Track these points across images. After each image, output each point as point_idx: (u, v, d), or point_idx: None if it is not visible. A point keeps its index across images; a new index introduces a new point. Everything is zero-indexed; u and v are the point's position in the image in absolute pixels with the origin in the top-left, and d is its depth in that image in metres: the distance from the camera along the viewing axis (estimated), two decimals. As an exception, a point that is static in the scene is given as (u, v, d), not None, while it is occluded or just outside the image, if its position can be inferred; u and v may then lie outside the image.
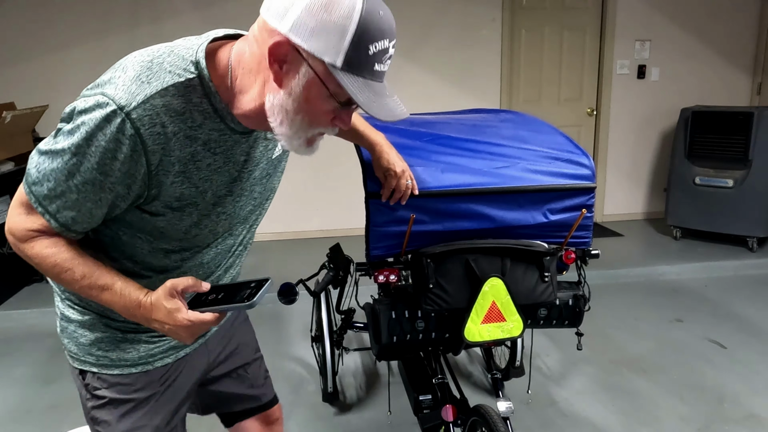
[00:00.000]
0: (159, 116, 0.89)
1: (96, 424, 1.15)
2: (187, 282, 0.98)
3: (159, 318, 0.97)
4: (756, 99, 5.31)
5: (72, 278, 0.97)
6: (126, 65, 0.92)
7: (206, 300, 1.00)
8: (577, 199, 1.62)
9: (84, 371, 1.13)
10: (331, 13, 0.82)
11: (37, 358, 3.15)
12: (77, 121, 0.88)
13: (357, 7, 0.82)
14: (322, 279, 1.87)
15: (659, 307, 3.61)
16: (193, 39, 0.97)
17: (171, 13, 4.67)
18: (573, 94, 5.24)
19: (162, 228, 1.00)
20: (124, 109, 0.86)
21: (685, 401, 2.58)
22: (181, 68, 0.91)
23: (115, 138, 0.87)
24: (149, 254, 1.05)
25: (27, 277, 4.12)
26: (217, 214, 1.04)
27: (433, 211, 1.57)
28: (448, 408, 1.83)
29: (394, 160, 1.51)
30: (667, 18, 5.09)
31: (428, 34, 4.91)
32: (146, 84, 0.88)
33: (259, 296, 0.95)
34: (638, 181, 5.42)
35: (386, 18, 0.86)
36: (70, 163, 0.88)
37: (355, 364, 2.98)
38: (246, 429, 1.44)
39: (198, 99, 0.92)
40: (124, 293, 0.98)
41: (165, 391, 1.18)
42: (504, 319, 1.56)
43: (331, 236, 5.01)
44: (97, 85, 0.92)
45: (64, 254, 0.97)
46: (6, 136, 3.90)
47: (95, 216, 0.95)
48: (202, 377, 1.30)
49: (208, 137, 0.95)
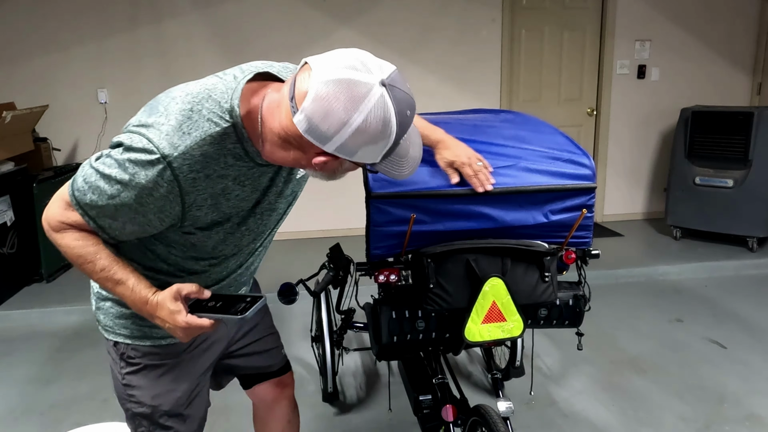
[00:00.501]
0: (196, 164, 1.01)
1: (130, 388, 1.30)
2: (191, 288, 1.10)
3: (161, 316, 1.09)
4: (756, 99, 5.31)
5: (92, 269, 1.11)
6: (169, 111, 1.02)
7: (206, 306, 1.11)
8: (577, 199, 1.62)
9: (118, 342, 1.28)
10: (372, 139, 0.94)
11: (37, 358, 3.15)
12: (125, 156, 1.01)
13: (393, 127, 0.95)
14: (322, 279, 1.87)
15: (659, 307, 3.61)
16: (228, 78, 1.07)
17: (171, 13, 4.67)
18: (573, 94, 5.24)
19: (192, 243, 1.15)
20: (167, 158, 0.99)
21: (685, 401, 2.58)
22: (217, 116, 1.02)
23: (155, 180, 1.00)
24: (181, 260, 1.19)
25: (27, 277, 4.12)
26: (242, 232, 1.17)
27: (433, 211, 1.56)
28: (448, 408, 1.83)
29: (457, 153, 1.52)
30: (667, 18, 5.09)
31: (428, 35, 4.91)
32: (187, 135, 1.00)
33: (251, 312, 1.08)
34: (638, 181, 5.42)
35: (411, 109, 0.98)
36: (113, 189, 1.01)
37: (355, 364, 2.98)
38: (260, 391, 1.64)
39: (232, 145, 1.04)
40: (135, 289, 1.10)
41: (192, 359, 1.34)
42: (504, 319, 1.56)
43: (331, 236, 5.01)
44: (143, 125, 1.03)
45: (89, 248, 1.10)
46: (6, 136, 3.90)
47: (127, 230, 1.08)
48: (224, 351, 1.46)
49: (237, 173, 1.07)
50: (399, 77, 0.97)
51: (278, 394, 1.67)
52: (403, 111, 0.96)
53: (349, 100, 0.91)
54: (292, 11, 4.75)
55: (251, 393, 1.66)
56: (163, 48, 4.72)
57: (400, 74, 0.98)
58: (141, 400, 1.31)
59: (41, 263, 4.11)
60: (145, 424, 1.33)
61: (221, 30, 4.74)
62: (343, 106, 0.91)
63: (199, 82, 1.07)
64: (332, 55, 0.96)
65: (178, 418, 1.35)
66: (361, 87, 0.92)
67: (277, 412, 1.69)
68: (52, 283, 4.15)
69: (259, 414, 1.74)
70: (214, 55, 4.74)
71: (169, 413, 1.33)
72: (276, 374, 1.64)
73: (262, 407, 1.71)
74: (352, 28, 4.82)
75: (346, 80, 0.91)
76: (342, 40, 4.81)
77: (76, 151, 4.86)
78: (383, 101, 0.93)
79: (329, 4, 4.77)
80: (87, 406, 2.67)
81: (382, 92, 0.93)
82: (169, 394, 1.32)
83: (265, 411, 1.71)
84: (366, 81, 0.92)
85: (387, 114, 0.93)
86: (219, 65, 4.70)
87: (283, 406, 1.69)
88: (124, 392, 1.32)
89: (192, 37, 4.71)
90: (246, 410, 2.54)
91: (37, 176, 4.12)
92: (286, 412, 1.70)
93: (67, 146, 4.83)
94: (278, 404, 1.68)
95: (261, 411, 1.73)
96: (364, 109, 0.91)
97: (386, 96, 0.93)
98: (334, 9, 4.78)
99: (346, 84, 0.91)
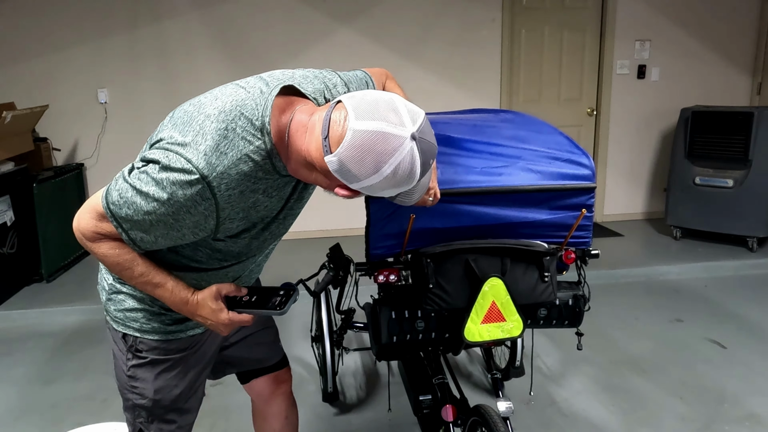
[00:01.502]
0: (233, 181, 1.07)
1: (134, 380, 1.35)
2: (229, 288, 1.21)
3: (203, 314, 1.20)
4: (756, 99, 5.31)
5: (131, 275, 1.18)
6: (205, 130, 1.06)
7: (240, 300, 1.20)
8: (577, 199, 1.62)
9: (126, 334, 1.33)
10: (397, 184, 1.01)
11: (37, 358, 3.15)
12: (163, 175, 1.04)
13: (417, 174, 1.01)
14: (322, 279, 1.86)
15: (659, 307, 3.61)
16: (255, 92, 1.11)
17: (171, 13, 4.67)
18: (573, 94, 5.24)
19: (219, 248, 1.21)
20: (206, 179, 1.04)
21: (685, 401, 2.58)
22: (251, 134, 1.07)
23: (194, 199, 1.05)
24: (207, 261, 1.25)
25: (27, 277, 4.12)
26: (265, 236, 1.24)
27: (433, 211, 1.56)
28: (448, 408, 1.83)
29: None
30: (667, 18, 5.09)
31: (428, 34, 4.91)
32: (224, 155, 1.05)
33: (288, 306, 1.16)
34: (638, 181, 5.42)
35: (433, 157, 1.05)
36: (150, 206, 1.06)
37: (355, 364, 2.98)
38: (257, 386, 1.67)
39: (262, 161, 1.09)
40: (174, 291, 1.20)
41: (194, 355, 1.39)
42: (504, 319, 1.56)
43: (331, 236, 5.01)
44: (179, 144, 1.06)
45: (126, 256, 1.16)
46: (6, 136, 3.90)
47: (159, 243, 1.13)
48: (222, 343, 1.51)
49: (266, 186, 1.13)
50: (427, 127, 1.03)
51: (275, 390, 1.68)
52: (428, 161, 1.03)
53: (382, 153, 0.97)
54: (292, 11, 4.75)
55: (249, 388, 1.69)
56: (163, 48, 4.72)
57: (427, 122, 1.04)
58: (143, 393, 1.35)
59: (41, 263, 4.11)
60: (144, 416, 1.38)
61: (221, 30, 4.74)
62: (376, 158, 0.98)
63: (229, 96, 1.10)
64: (367, 100, 1.01)
65: (176, 412, 1.40)
66: (394, 141, 0.98)
67: (275, 407, 1.71)
68: (52, 283, 4.15)
69: (257, 410, 1.75)
70: (214, 54, 4.74)
71: (168, 407, 1.38)
72: (273, 369, 1.66)
73: (260, 402, 1.72)
74: (352, 28, 4.82)
75: (381, 133, 0.97)
76: (342, 40, 4.81)
77: (76, 151, 4.86)
78: (412, 154, 0.99)
79: (329, 4, 4.77)
80: (87, 406, 2.67)
81: (413, 146, 0.99)
82: (171, 390, 1.37)
83: (262, 406, 1.73)
84: (399, 134, 0.98)
85: (414, 165, 1.00)
86: (219, 65, 4.73)
87: (280, 402, 1.71)
88: (127, 383, 1.36)
89: (192, 37, 4.71)
90: (246, 410, 2.54)
91: (37, 176, 4.12)
92: (283, 408, 1.72)
93: (67, 146, 4.83)
94: (275, 400, 1.70)
95: (259, 406, 1.74)
96: (394, 162, 0.98)
97: (415, 149, 0.99)
98: (334, 9, 4.78)
99: (381, 137, 0.97)
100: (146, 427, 1.39)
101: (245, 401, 2.56)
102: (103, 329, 3.55)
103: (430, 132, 1.04)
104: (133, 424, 1.40)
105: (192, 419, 1.46)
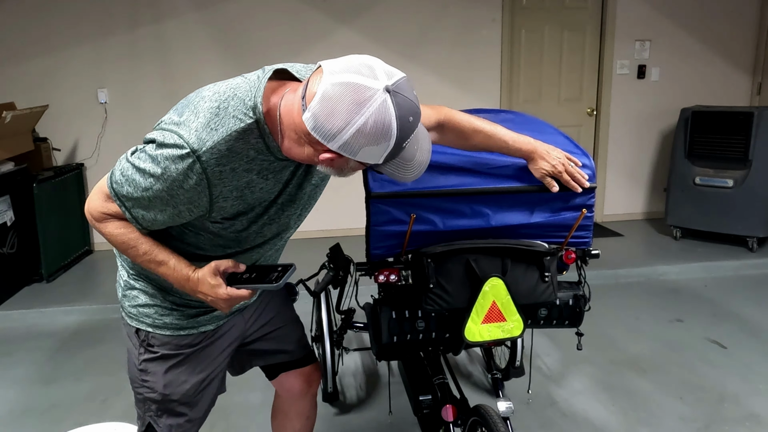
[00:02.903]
0: (223, 158, 1.09)
1: (145, 374, 1.39)
2: (227, 264, 1.22)
3: (203, 291, 1.22)
4: (756, 99, 5.31)
5: (136, 254, 1.23)
6: (198, 109, 1.10)
7: (241, 278, 1.23)
8: (577, 199, 1.62)
9: (140, 330, 1.37)
10: (372, 140, 1.00)
11: (37, 358, 3.15)
12: (158, 152, 1.09)
13: (393, 131, 1.00)
14: (322, 279, 1.87)
15: (659, 307, 3.61)
16: (252, 78, 1.14)
17: (171, 13, 4.67)
18: (573, 94, 5.24)
19: (218, 232, 1.23)
20: (196, 152, 1.07)
21: (685, 401, 2.58)
22: (242, 113, 1.09)
23: (185, 173, 1.08)
24: (211, 248, 1.28)
25: (27, 277, 4.12)
26: (264, 221, 1.25)
27: (433, 210, 1.56)
28: (448, 408, 1.83)
29: (553, 163, 1.52)
30: (667, 18, 5.09)
31: (428, 34, 4.91)
32: (214, 131, 1.08)
33: (284, 279, 1.19)
34: (638, 181, 5.42)
35: (414, 116, 1.03)
36: (147, 182, 1.11)
37: (355, 364, 2.98)
38: (286, 381, 1.68)
39: (255, 140, 1.11)
40: (176, 268, 1.23)
41: (205, 351, 1.42)
42: (504, 319, 1.56)
43: (331, 236, 5.01)
44: (175, 123, 1.11)
45: (131, 234, 1.21)
46: (6, 136, 3.90)
47: (158, 221, 1.17)
48: (239, 341, 1.53)
49: (261, 167, 1.15)
50: (406, 85, 1.03)
51: (307, 390, 1.70)
52: (406, 116, 1.01)
53: (352, 102, 0.98)
54: (292, 11, 4.75)
55: (278, 383, 1.70)
56: (163, 48, 4.72)
57: (408, 82, 1.04)
58: (153, 386, 1.39)
59: (41, 263, 4.11)
60: (154, 408, 1.41)
61: (221, 30, 4.74)
62: (346, 107, 0.98)
63: (226, 82, 1.15)
64: (344, 60, 1.03)
65: (186, 405, 1.43)
66: (365, 91, 0.98)
67: (301, 406, 1.73)
68: (52, 283, 4.15)
69: (282, 406, 1.76)
70: (214, 55, 4.74)
71: (178, 401, 1.41)
72: (300, 363, 1.66)
73: (287, 399, 1.73)
74: (352, 28, 4.82)
75: (352, 84, 0.98)
76: (342, 40, 4.81)
77: (76, 151, 4.86)
78: (385, 106, 0.99)
79: (329, 4, 4.77)
80: (87, 406, 2.67)
81: (385, 98, 0.99)
82: (180, 386, 1.40)
83: (288, 403, 1.74)
84: (370, 86, 0.99)
85: (388, 118, 0.99)
86: (219, 65, 4.73)
87: (307, 401, 1.73)
88: (138, 377, 1.40)
89: (192, 37, 4.71)
90: (246, 410, 2.54)
91: (37, 176, 4.12)
92: (308, 408, 1.74)
93: (67, 146, 4.83)
94: (304, 399, 1.72)
95: (284, 403, 1.75)
96: (365, 112, 0.98)
97: (389, 101, 0.99)
98: (334, 9, 4.78)
99: (352, 87, 0.98)
100: (155, 421, 1.42)
101: (245, 401, 2.56)
102: (103, 329, 3.56)
103: (410, 90, 1.03)
104: (143, 417, 1.43)
105: (202, 414, 1.48)
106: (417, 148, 1.11)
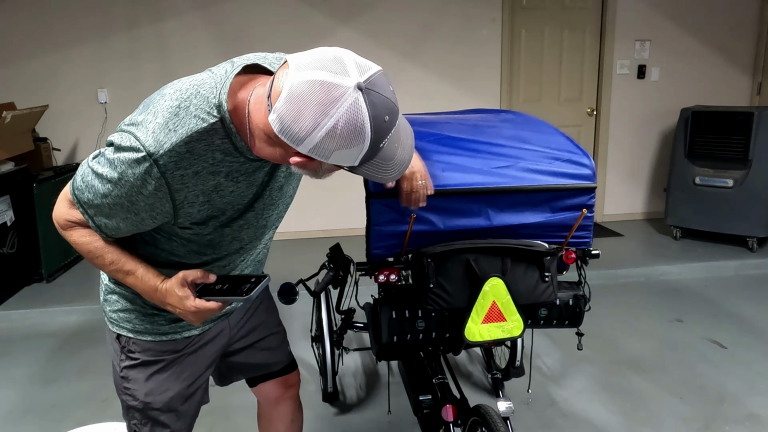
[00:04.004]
0: (183, 160, 1.01)
1: (126, 381, 1.33)
2: (196, 274, 1.13)
3: (171, 302, 1.14)
4: (756, 99, 5.31)
5: (102, 263, 1.16)
6: (157, 110, 1.02)
7: (213, 288, 1.15)
8: (577, 199, 1.62)
9: (120, 335, 1.32)
10: (344, 143, 0.91)
11: (37, 358, 3.15)
12: (115, 155, 1.02)
13: (367, 132, 0.91)
14: (322, 279, 1.87)
15: (659, 307, 3.61)
16: (219, 73, 1.05)
17: (171, 13, 4.67)
18: (573, 94, 5.24)
19: (188, 236, 1.16)
20: (153, 156, 0.99)
21: (685, 401, 2.58)
22: (205, 112, 1.01)
23: (143, 177, 1.00)
24: (186, 255, 1.21)
25: (27, 277, 4.12)
26: (239, 225, 1.18)
27: (433, 210, 1.56)
28: (448, 408, 1.83)
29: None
30: (667, 18, 5.09)
31: (428, 34, 4.91)
32: (173, 132, 1.00)
33: (255, 292, 1.11)
34: (638, 181, 5.42)
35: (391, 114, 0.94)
36: (106, 187, 1.04)
37: (355, 364, 2.98)
38: (265, 389, 1.65)
39: (219, 141, 1.03)
40: (144, 278, 1.15)
41: (189, 358, 1.36)
42: (504, 319, 1.56)
43: (331, 236, 5.01)
44: (132, 124, 1.04)
45: (97, 243, 1.14)
46: (6, 136, 3.90)
47: (122, 229, 1.10)
48: (224, 349, 1.47)
49: (230, 169, 1.06)
50: (381, 80, 0.93)
51: (283, 393, 1.67)
52: (380, 116, 0.92)
53: (320, 103, 0.88)
54: (292, 11, 4.75)
55: (256, 391, 1.67)
56: (163, 48, 4.72)
57: (384, 77, 0.94)
58: (135, 394, 1.34)
59: (41, 263, 4.11)
60: (138, 417, 1.36)
61: (221, 30, 4.74)
62: (313, 109, 0.89)
63: (190, 78, 1.06)
64: (312, 54, 0.94)
65: (170, 414, 1.37)
66: (333, 90, 0.89)
67: (281, 410, 1.71)
68: (52, 283, 4.15)
69: (264, 412, 1.75)
70: (214, 55, 4.74)
71: (161, 410, 1.35)
72: (280, 373, 1.64)
73: (267, 405, 1.72)
74: (352, 28, 4.82)
75: (320, 82, 0.89)
76: (342, 40, 4.81)
77: (76, 151, 4.86)
78: (357, 106, 0.89)
79: (329, 4, 4.77)
80: (87, 406, 2.67)
81: (357, 96, 0.89)
82: (162, 394, 1.34)
83: (269, 409, 1.72)
84: (340, 83, 0.89)
85: (360, 119, 0.90)
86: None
87: (287, 405, 1.70)
88: (121, 384, 1.35)
89: (192, 37, 4.71)
90: (246, 410, 2.54)
91: (37, 176, 4.12)
92: (289, 411, 1.72)
93: (67, 146, 4.83)
94: (282, 403, 1.69)
95: (266, 409, 1.74)
96: (335, 113, 0.89)
97: (361, 100, 0.90)
98: (334, 9, 4.78)
99: (319, 86, 0.89)
100: (140, 429, 1.37)
101: (245, 401, 2.56)
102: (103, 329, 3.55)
103: (386, 86, 0.94)
104: (129, 426, 1.39)
105: (187, 424, 1.43)
106: (398, 146, 1.00)
